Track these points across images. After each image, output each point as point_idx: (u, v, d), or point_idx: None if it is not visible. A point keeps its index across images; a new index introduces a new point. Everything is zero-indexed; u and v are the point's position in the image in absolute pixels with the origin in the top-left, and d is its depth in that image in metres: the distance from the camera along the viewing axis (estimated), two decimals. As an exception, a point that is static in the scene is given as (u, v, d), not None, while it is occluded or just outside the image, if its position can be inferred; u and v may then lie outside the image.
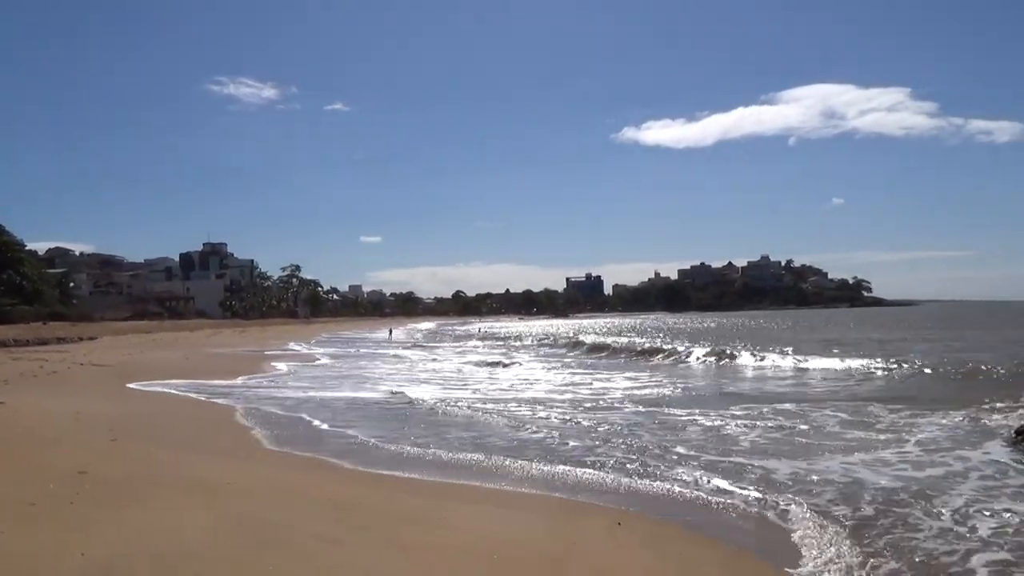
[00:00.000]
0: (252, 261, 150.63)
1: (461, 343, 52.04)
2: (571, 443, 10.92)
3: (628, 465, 9.32)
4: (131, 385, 19.27)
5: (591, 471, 9.05)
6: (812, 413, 13.69)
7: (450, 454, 10.25)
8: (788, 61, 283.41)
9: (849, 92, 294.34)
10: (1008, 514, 6.91)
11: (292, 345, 46.50)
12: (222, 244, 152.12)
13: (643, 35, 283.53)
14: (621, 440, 11.08)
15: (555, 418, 13.46)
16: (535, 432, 12.00)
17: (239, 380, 21.53)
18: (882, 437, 11.14)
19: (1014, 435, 10.59)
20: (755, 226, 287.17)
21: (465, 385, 20.75)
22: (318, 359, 33.34)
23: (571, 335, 52.90)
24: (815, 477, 8.55)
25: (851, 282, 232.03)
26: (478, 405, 15.47)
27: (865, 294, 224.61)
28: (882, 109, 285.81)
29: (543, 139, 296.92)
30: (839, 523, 6.76)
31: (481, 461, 9.72)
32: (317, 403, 16.21)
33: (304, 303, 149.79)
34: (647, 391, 18.29)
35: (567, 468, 9.23)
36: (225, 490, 7.64)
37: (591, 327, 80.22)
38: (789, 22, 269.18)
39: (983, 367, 20.97)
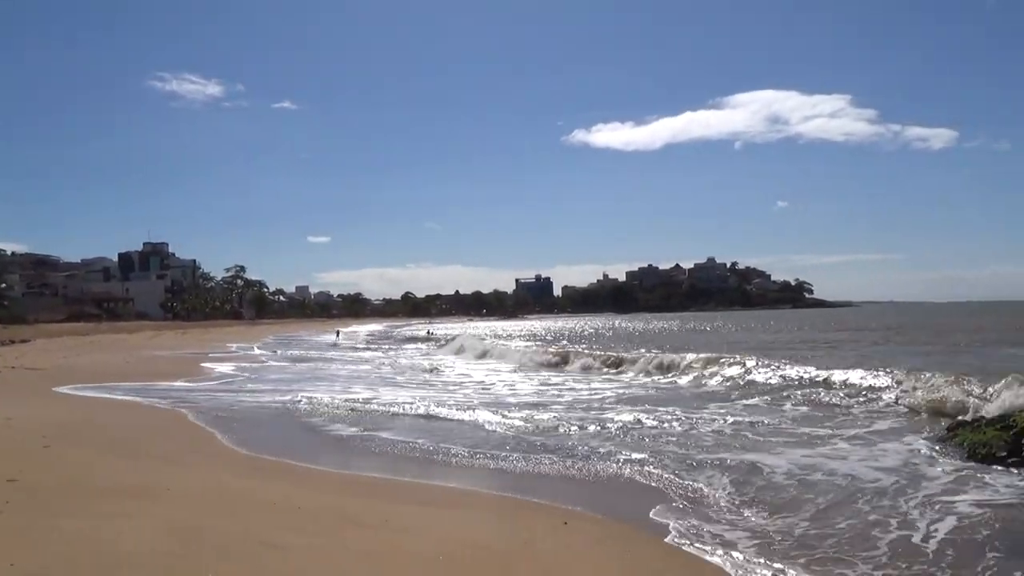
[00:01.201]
0: (195, 261, 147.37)
1: (408, 345, 51.70)
2: (506, 448, 10.94)
3: (572, 465, 9.39)
4: (66, 389, 18.59)
5: (536, 468, 9.08)
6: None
7: (396, 456, 10.17)
8: (735, 67, 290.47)
9: (793, 98, 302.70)
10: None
11: (236, 347, 45.55)
12: (163, 244, 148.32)
13: (593, 39, 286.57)
14: (559, 442, 11.15)
15: (496, 419, 13.48)
16: (482, 433, 12.00)
17: (180, 383, 20.99)
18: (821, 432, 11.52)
19: (946, 431, 10.98)
20: (702, 228, 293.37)
21: (413, 387, 20.60)
22: (263, 361, 32.73)
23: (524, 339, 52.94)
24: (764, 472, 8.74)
25: (793, 284, 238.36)
26: (426, 407, 15.38)
27: (807, 295, 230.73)
28: (824, 115, 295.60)
29: (494, 141, 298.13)
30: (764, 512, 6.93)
31: (428, 462, 9.68)
32: (258, 406, 15.92)
33: (249, 304, 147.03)
34: (584, 394, 18.42)
35: (512, 466, 9.27)
36: (166, 496, 7.43)
37: (539, 329, 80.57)
38: (736, 29, 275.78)
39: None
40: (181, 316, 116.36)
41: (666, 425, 12.48)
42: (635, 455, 9.79)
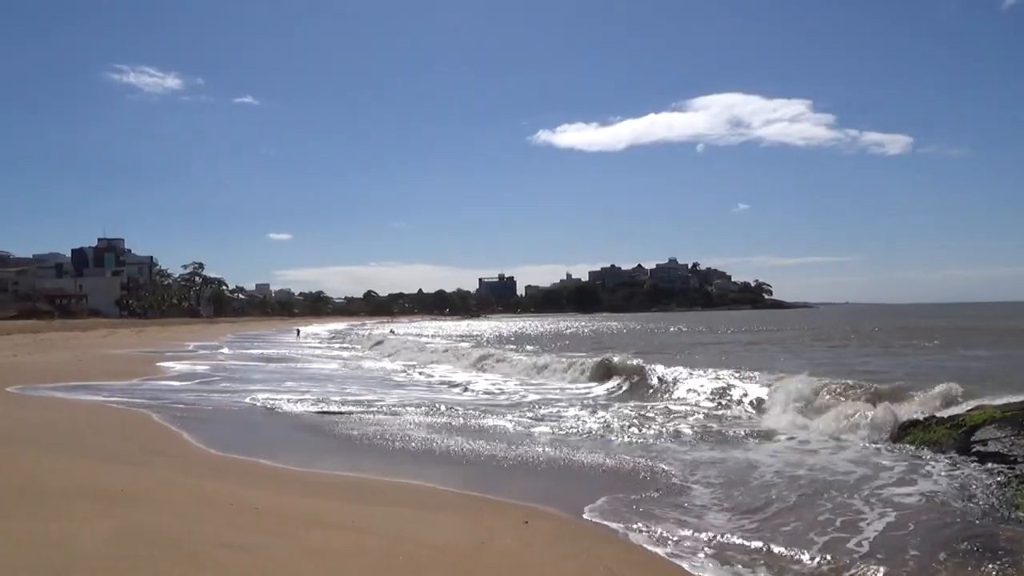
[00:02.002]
0: (151, 258, 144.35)
1: (369, 343, 51.33)
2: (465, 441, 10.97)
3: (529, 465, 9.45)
4: (16, 389, 18.09)
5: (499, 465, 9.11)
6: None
7: (358, 455, 10.11)
8: (698, 70, 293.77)
9: (755, 102, 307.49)
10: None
11: (193, 346, 44.76)
12: (119, 240, 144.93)
13: (558, 40, 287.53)
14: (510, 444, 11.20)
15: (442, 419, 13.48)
16: (436, 433, 12.01)
17: (136, 381, 20.58)
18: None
19: (898, 430, 11.24)
20: (664, 229, 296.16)
21: (382, 388, 20.49)
22: (220, 360, 32.22)
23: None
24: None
25: (753, 285, 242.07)
26: (396, 409, 15.31)
27: (766, 296, 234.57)
28: (785, 120, 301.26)
29: (458, 140, 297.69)
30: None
31: (390, 462, 9.64)
32: (216, 405, 15.69)
33: (207, 302, 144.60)
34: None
35: (474, 465, 9.28)
36: (121, 497, 7.28)
37: (502, 329, 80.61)
38: (700, 33, 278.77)
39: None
40: (137, 314, 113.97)
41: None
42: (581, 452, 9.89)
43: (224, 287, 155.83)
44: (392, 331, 72.13)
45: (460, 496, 8.04)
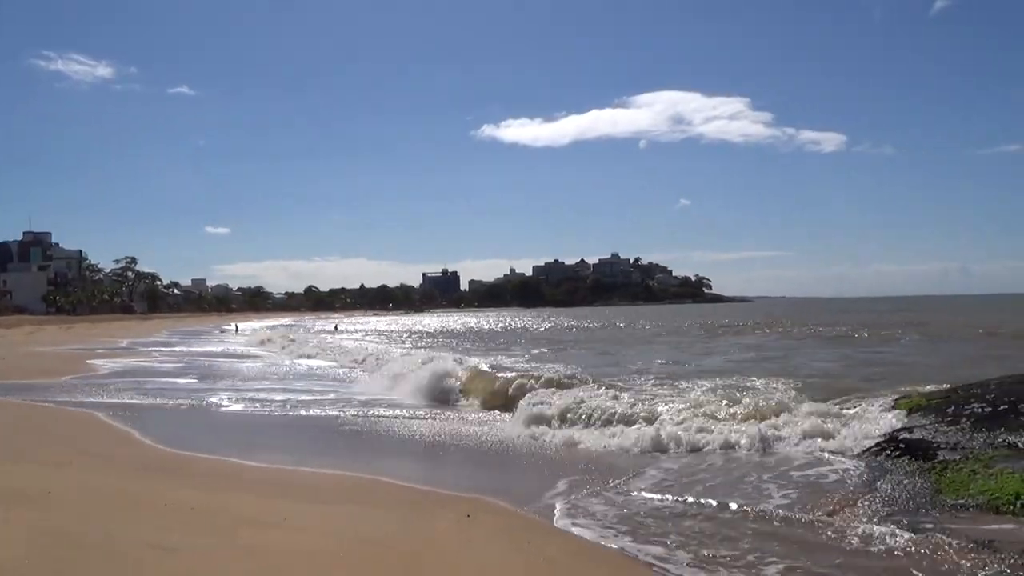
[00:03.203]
0: (80, 252, 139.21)
1: (312, 339, 50.53)
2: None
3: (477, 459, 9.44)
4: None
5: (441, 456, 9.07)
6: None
7: (293, 453, 9.93)
8: (641, 67, 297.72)
9: (696, 100, 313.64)
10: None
11: (126, 343, 43.37)
12: (46, 233, 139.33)
13: (503, 35, 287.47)
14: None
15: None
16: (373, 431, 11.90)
17: (65, 380, 19.81)
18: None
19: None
20: (607, 225, 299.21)
21: (318, 386, 20.19)
22: (155, 357, 31.28)
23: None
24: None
25: (693, 280, 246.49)
26: (336, 407, 15.11)
27: (706, 291, 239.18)
28: (724, 117, 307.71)
29: (402, 133, 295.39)
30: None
31: (327, 458, 9.50)
32: (148, 403, 15.23)
33: (141, 298, 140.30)
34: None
35: (415, 462, 9.22)
36: (43, 500, 6.98)
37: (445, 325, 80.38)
38: (643, 30, 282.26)
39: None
40: (65, 310, 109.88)
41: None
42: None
43: (159, 282, 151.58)
44: (336, 327, 71.12)
45: (402, 490, 7.97)
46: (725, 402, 11.20)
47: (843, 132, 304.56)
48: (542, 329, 60.38)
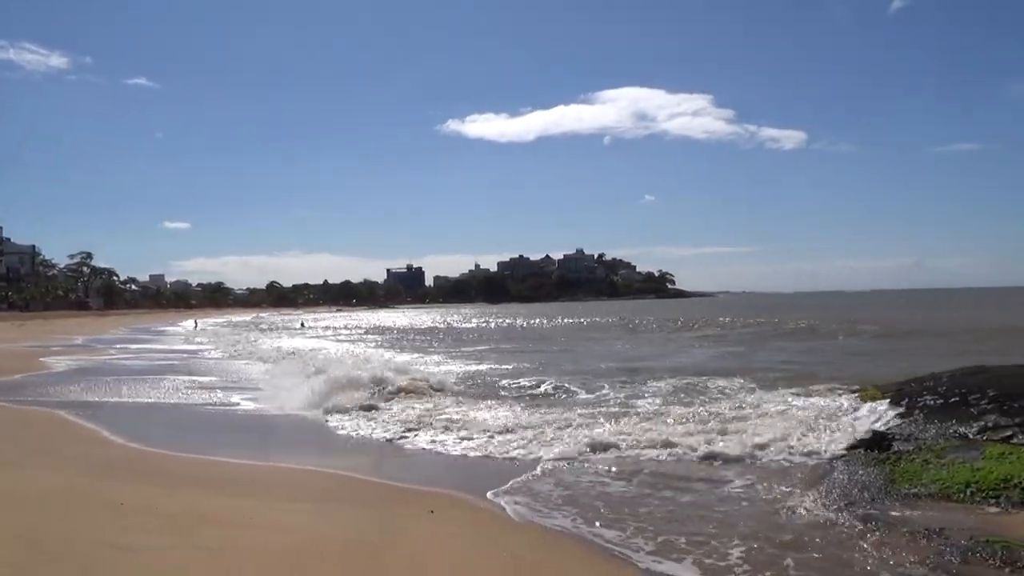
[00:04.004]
0: (34, 247, 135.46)
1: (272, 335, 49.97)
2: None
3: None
4: None
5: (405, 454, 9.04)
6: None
7: (255, 451, 9.82)
8: (606, 64, 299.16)
9: (659, 96, 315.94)
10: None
11: (81, 340, 42.38)
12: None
13: (469, 29, 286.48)
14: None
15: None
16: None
17: (18, 378, 19.31)
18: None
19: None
20: (572, 220, 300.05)
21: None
22: (112, 353, 30.63)
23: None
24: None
25: (657, 275, 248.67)
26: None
27: (669, 286, 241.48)
28: (688, 114, 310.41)
29: (366, 127, 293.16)
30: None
31: (290, 455, 9.41)
32: (107, 400, 14.92)
33: (97, 294, 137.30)
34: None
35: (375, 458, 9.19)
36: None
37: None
38: (608, 26, 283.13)
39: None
40: (18, 307, 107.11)
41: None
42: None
43: (115, 278, 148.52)
44: (303, 323, 70.15)
45: (367, 486, 7.93)
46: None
47: (803, 129, 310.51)
48: (492, 327, 60.39)
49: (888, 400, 10.32)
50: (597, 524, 6.44)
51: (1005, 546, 5.38)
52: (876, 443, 8.60)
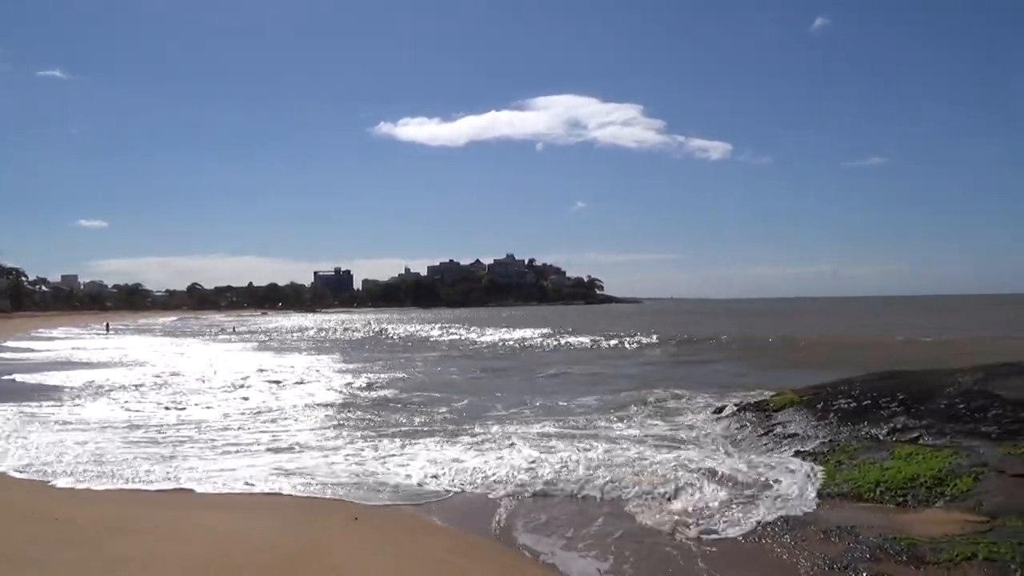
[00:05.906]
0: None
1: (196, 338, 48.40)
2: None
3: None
4: None
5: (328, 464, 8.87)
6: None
7: (172, 455, 9.47)
8: (539, 71, 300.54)
9: (591, 105, 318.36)
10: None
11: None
12: None
13: (403, 31, 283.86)
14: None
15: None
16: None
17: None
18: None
19: (712, 414, 12.09)
20: (502, 225, 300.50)
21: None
22: (23, 355, 29.09)
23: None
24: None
25: (586, 281, 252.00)
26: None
27: (598, 292, 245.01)
28: (618, 123, 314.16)
29: (295, 127, 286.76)
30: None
31: (208, 459, 9.11)
32: (9, 409, 14.16)
33: (3, 295, 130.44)
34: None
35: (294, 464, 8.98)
36: None
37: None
38: (542, 34, 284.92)
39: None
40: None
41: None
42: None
43: (23, 278, 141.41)
44: (234, 328, 67.81)
45: (285, 495, 7.73)
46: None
47: (728, 141, 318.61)
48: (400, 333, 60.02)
49: (804, 404, 10.69)
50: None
51: (911, 543, 5.62)
52: (795, 440, 8.87)
